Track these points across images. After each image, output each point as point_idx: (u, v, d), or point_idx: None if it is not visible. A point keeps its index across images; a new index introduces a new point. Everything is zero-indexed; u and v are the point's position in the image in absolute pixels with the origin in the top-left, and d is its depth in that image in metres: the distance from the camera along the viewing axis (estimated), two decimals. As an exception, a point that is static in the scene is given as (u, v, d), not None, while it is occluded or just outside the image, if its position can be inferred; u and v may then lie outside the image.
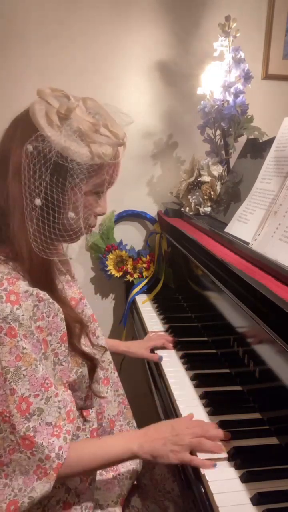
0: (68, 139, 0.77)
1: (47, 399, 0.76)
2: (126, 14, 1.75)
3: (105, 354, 1.02)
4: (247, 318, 1.00)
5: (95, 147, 0.79)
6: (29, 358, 0.75)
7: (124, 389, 1.10)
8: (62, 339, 0.82)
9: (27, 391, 0.74)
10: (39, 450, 0.74)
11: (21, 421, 0.73)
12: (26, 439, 0.73)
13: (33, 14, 1.69)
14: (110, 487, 0.97)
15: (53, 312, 0.80)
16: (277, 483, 0.81)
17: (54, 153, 0.76)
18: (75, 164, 0.78)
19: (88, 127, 0.79)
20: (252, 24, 1.81)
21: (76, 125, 0.78)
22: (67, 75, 1.76)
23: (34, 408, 0.75)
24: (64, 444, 0.77)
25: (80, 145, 0.78)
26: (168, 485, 1.08)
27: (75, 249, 1.91)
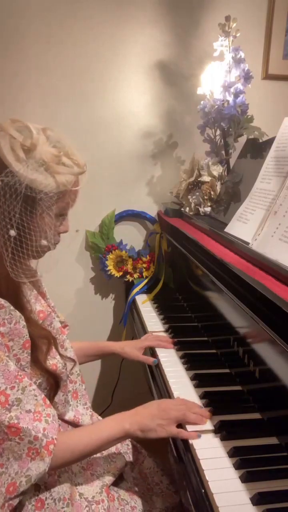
0: (34, 172, 0.83)
1: (23, 389, 0.81)
2: (126, 14, 1.75)
3: (74, 367, 1.04)
4: (247, 318, 1.00)
5: (59, 177, 0.85)
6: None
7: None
8: (25, 345, 0.86)
9: (3, 384, 0.79)
10: (26, 433, 0.79)
11: (2, 412, 0.78)
12: (12, 427, 0.78)
13: (33, 14, 1.69)
14: (91, 482, 1.00)
15: (14, 319, 0.84)
16: (277, 483, 0.81)
17: (24, 186, 0.82)
18: (43, 194, 0.84)
19: (51, 158, 0.84)
20: (252, 24, 1.81)
21: (39, 157, 0.83)
22: (67, 75, 1.76)
23: (12, 399, 0.79)
24: (46, 426, 0.82)
25: (46, 176, 0.84)
26: (157, 477, 1.12)
27: (75, 249, 1.92)
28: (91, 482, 0.99)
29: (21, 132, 0.85)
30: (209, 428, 0.96)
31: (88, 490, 0.97)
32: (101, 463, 1.05)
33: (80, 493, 0.96)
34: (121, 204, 1.90)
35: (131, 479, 1.10)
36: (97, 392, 2.03)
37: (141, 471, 1.14)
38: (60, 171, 0.85)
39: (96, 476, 1.01)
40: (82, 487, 0.98)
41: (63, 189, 0.87)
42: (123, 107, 1.83)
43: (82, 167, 0.90)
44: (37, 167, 0.83)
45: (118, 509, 0.98)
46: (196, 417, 0.96)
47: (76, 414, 1.03)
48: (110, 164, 1.85)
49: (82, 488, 0.97)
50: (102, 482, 1.00)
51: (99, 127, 1.82)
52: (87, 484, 0.98)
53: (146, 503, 1.05)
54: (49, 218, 0.88)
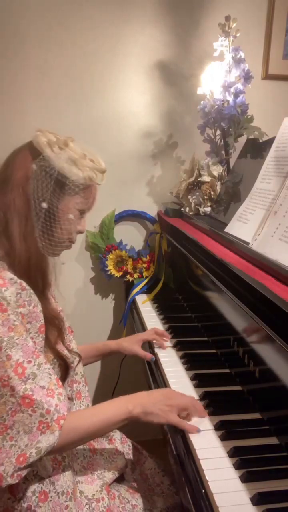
0: (65, 163, 0.94)
1: (39, 365, 0.84)
2: (126, 14, 1.75)
3: (78, 366, 1.05)
4: (247, 318, 1.00)
5: (85, 171, 0.96)
6: (20, 329, 0.83)
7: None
8: (40, 329, 0.90)
9: (21, 357, 0.82)
10: (39, 406, 0.80)
11: (18, 383, 0.80)
12: (26, 398, 0.80)
13: (33, 14, 1.69)
14: (91, 481, 1.00)
15: (33, 302, 0.88)
16: (277, 483, 0.81)
17: (56, 171, 0.93)
18: (71, 182, 0.95)
19: (79, 156, 0.96)
20: (252, 24, 1.81)
21: (70, 154, 0.95)
22: (67, 75, 1.76)
23: (29, 372, 0.82)
24: (58, 402, 0.83)
25: (74, 168, 0.95)
26: (158, 478, 1.13)
27: (75, 249, 1.91)
28: (92, 481, 1.00)
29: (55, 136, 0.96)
30: (209, 427, 0.96)
31: (88, 488, 0.98)
32: (102, 463, 1.05)
33: (81, 491, 0.97)
34: (121, 204, 1.90)
35: (132, 480, 1.11)
36: (97, 392, 2.03)
37: (142, 472, 1.14)
38: (86, 166, 0.96)
39: (96, 475, 1.02)
40: (83, 485, 0.98)
41: (88, 183, 0.96)
42: (123, 107, 1.83)
43: (103, 169, 1.00)
44: (67, 159, 0.94)
45: (118, 507, 0.98)
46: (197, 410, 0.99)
47: None
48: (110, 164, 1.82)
49: (83, 486, 0.98)
50: (102, 481, 1.00)
51: (99, 127, 1.82)
52: (88, 483, 0.99)
53: (147, 502, 1.06)
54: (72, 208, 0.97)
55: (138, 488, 1.08)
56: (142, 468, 1.14)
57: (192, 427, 0.95)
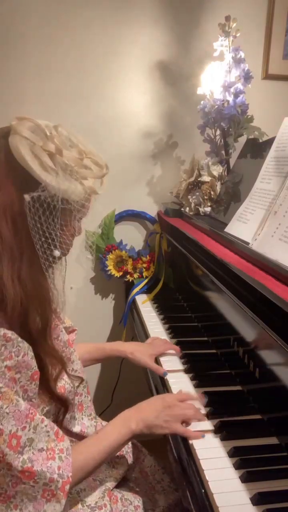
0: (64, 181, 0.77)
1: (35, 427, 0.77)
2: (126, 14, 1.75)
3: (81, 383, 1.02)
4: (247, 318, 1.00)
5: (86, 182, 0.81)
6: (8, 396, 0.75)
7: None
8: (33, 377, 0.81)
9: (14, 426, 0.75)
10: (41, 476, 0.75)
11: (15, 457, 0.74)
12: (26, 471, 0.74)
13: (33, 14, 1.69)
14: (94, 486, 0.99)
15: (22, 351, 0.78)
16: (277, 483, 0.81)
17: (59, 200, 0.78)
18: (76, 204, 0.81)
19: (75, 162, 0.79)
20: (252, 24, 1.81)
21: (63, 162, 0.78)
22: (67, 75, 1.76)
23: (24, 440, 0.75)
24: (61, 463, 0.78)
25: (75, 184, 0.79)
26: (158, 475, 1.12)
27: (75, 249, 1.91)
28: (93, 488, 0.98)
29: (35, 133, 0.79)
30: (209, 428, 0.96)
31: (90, 496, 0.96)
32: (103, 469, 1.04)
33: (83, 501, 0.95)
34: (121, 204, 1.90)
35: (133, 479, 1.10)
36: (97, 392, 2.03)
37: (142, 469, 1.14)
38: (85, 175, 0.81)
39: (98, 481, 1.00)
40: (85, 493, 0.96)
41: (91, 193, 0.83)
42: (123, 107, 1.83)
43: (102, 167, 0.85)
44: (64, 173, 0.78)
45: (121, 510, 0.97)
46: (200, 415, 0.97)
47: (82, 427, 1.01)
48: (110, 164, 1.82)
49: (85, 495, 0.96)
50: (104, 487, 0.99)
51: (99, 127, 1.82)
52: (90, 490, 0.97)
53: (149, 501, 1.05)
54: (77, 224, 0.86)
55: (139, 487, 1.08)
56: (142, 466, 1.14)
57: (197, 434, 0.93)
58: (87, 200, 0.84)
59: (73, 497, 0.95)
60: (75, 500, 0.95)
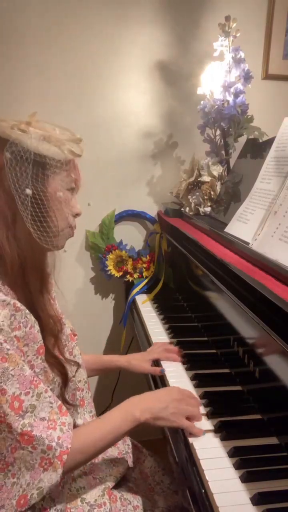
0: (39, 142, 0.84)
1: (38, 395, 0.79)
2: (126, 14, 1.75)
3: (80, 373, 1.03)
4: (247, 318, 1.00)
5: (62, 146, 0.86)
6: (14, 359, 0.76)
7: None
8: (39, 351, 0.83)
9: (17, 389, 0.76)
10: (40, 442, 0.76)
11: (16, 419, 0.75)
12: (25, 435, 0.75)
13: (33, 14, 1.69)
14: (93, 484, 0.99)
15: (30, 323, 0.81)
16: (277, 483, 0.81)
17: (32, 153, 0.83)
18: (51, 159, 0.85)
19: (49, 131, 0.87)
20: (252, 24, 1.81)
21: (39, 132, 0.85)
22: (67, 75, 1.76)
23: (26, 405, 0.77)
24: (61, 434, 0.79)
25: (50, 146, 0.85)
26: (158, 477, 1.12)
27: (75, 249, 1.91)
28: (93, 485, 0.98)
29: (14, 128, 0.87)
30: (209, 428, 0.96)
31: (90, 493, 0.96)
32: (103, 468, 1.04)
33: (82, 498, 0.95)
34: (121, 204, 1.90)
35: (133, 479, 1.10)
36: (97, 392, 2.03)
37: (142, 470, 1.14)
38: (60, 139, 0.87)
39: (98, 480, 1.00)
40: (84, 491, 0.97)
41: (69, 156, 0.87)
42: (123, 107, 1.83)
43: (78, 137, 0.91)
44: (39, 138, 0.84)
45: (120, 510, 0.97)
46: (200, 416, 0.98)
47: (84, 422, 1.01)
48: (110, 164, 1.85)
49: (84, 492, 0.96)
50: (104, 485, 0.99)
51: (99, 127, 1.82)
52: (89, 488, 0.97)
53: (149, 501, 1.05)
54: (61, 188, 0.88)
55: (138, 488, 1.08)
56: (142, 467, 1.14)
57: (199, 430, 0.94)
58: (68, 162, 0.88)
59: (72, 494, 0.95)
60: (74, 497, 0.95)
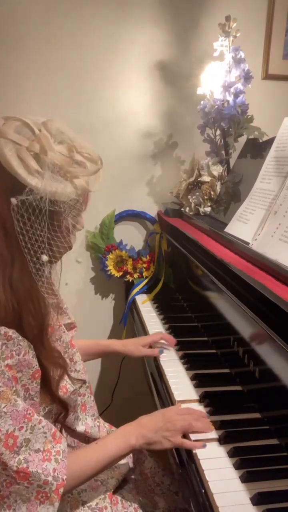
0: (53, 182, 0.75)
1: (32, 428, 0.77)
2: (126, 14, 1.75)
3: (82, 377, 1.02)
4: (247, 318, 1.00)
5: (77, 181, 0.78)
6: (6, 395, 0.75)
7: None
8: (34, 376, 0.81)
9: (11, 426, 0.75)
10: (36, 478, 0.75)
11: (10, 457, 0.74)
12: (21, 472, 0.74)
13: (33, 14, 1.69)
14: (95, 487, 0.99)
15: (23, 349, 0.79)
16: (277, 483, 0.81)
17: (47, 203, 0.75)
18: (66, 205, 0.79)
19: (64, 161, 0.77)
20: (252, 24, 1.81)
21: (51, 162, 0.76)
22: (67, 75, 1.76)
23: (21, 441, 0.76)
24: (56, 466, 0.78)
25: (64, 184, 0.77)
26: (158, 478, 1.11)
27: (75, 249, 1.91)
28: (95, 489, 0.98)
29: (21, 133, 0.77)
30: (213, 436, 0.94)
31: (91, 496, 0.96)
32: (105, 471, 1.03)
33: (83, 501, 0.95)
34: (121, 204, 1.90)
35: (133, 480, 1.10)
36: (97, 392, 2.03)
37: (142, 471, 1.13)
38: (77, 174, 0.78)
39: (99, 482, 1.00)
40: (86, 494, 0.96)
41: (83, 192, 0.81)
42: (123, 107, 1.83)
43: (96, 161, 0.82)
44: (53, 175, 0.75)
45: None
46: (203, 426, 0.95)
47: (86, 427, 1.01)
48: (110, 164, 1.84)
49: (86, 495, 0.96)
50: (105, 488, 0.99)
51: (99, 127, 1.82)
52: (91, 491, 0.97)
53: (149, 502, 1.05)
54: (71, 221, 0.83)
55: (139, 489, 1.08)
56: (142, 468, 1.14)
57: (197, 444, 0.91)
58: (78, 199, 0.82)
59: (74, 497, 0.95)
60: (75, 500, 0.94)
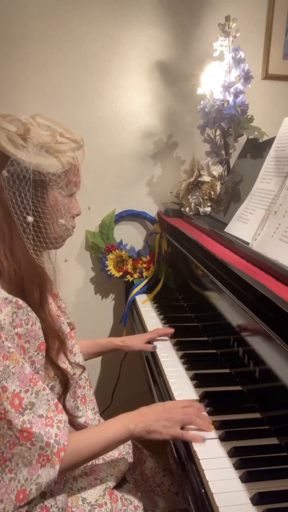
0: (37, 156, 0.84)
1: (37, 393, 0.80)
2: (126, 14, 1.75)
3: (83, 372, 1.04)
4: (247, 318, 1.00)
5: (61, 156, 0.87)
6: (15, 357, 0.78)
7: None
8: (40, 347, 0.85)
9: (18, 387, 0.78)
10: (38, 439, 0.77)
11: (16, 415, 0.76)
12: (24, 431, 0.77)
13: (33, 14, 1.69)
14: (94, 484, 0.99)
15: (31, 320, 0.83)
16: (277, 483, 0.81)
17: (30, 172, 0.83)
18: (51, 175, 0.86)
19: (48, 139, 0.86)
20: (252, 24, 1.81)
21: (37, 141, 0.85)
22: (67, 75, 1.76)
23: (26, 403, 0.78)
24: (58, 432, 0.81)
25: (49, 158, 0.85)
26: (158, 478, 1.12)
27: (75, 249, 1.91)
28: (94, 486, 0.99)
29: (12, 123, 0.87)
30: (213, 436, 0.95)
31: (91, 494, 0.97)
32: (104, 468, 1.04)
33: (83, 498, 0.95)
34: (121, 204, 1.90)
35: (133, 481, 1.10)
36: (97, 392, 2.02)
37: (143, 472, 1.14)
38: (60, 150, 0.86)
39: (99, 480, 1.01)
40: (85, 491, 0.97)
41: (68, 167, 0.88)
42: (123, 107, 1.83)
43: (79, 141, 0.90)
44: (37, 150, 0.84)
45: (121, 510, 0.98)
46: (202, 423, 0.95)
47: (87, 419, 1.02)
48: (110, 164, 1.85)
49: (85, 492, 0.97)
50: (105, 485, 0.99)
51: (99, 127, 1.82)
52: (90, 488, 0.98)
53: (149, 502, 1.05)
54: (61, 198, 0.89)
55: (139, 489, 1.08)
56: (143, 468, 1.14)
57: (197, 437, 0.92)
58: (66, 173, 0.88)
59: (73, 493, 0.95)
60: (75, 496, 0.95)
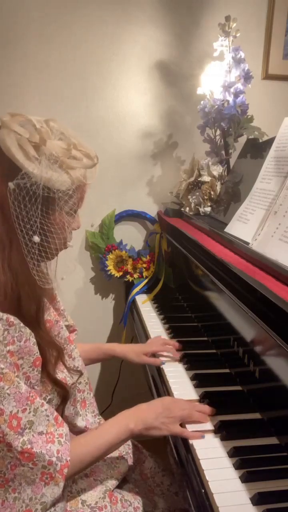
0: (49, 170, 0.79)
1: (35, 410, 0.79)
2: (126, 14, 1.75)
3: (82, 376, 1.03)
4: (247, 318, 1.00)
5: (73, 172, 0.82)
6: (9, 377, 0.76)
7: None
8: (35, 363, 0.83)
9: (15, 408, 0.76)
10: (40, 458, 0.76)
11: (15, 437, 0.75)
12: (25, 453, 0.75)
13: (33, 14, 1.69)
14: (94, 486, 0.99)
15: (24, 336, 0.80)
16: (277, 483, 0.81)
17: (41, 187, 0.78)
18: (60, 193, 0.81)
19: (61, 153, 0.80)
20: (252, 24, 1.81)
21: (50, 152, 0.79)
22: (67, 76, 1.76)
23: (24, 422, 0.77)
24: (60, 447, 0.79)
25: (60, 173, 0.80)
26: (158, 478, 1.12)
27: (75, 249, 1.91)
28: (94, 487, 0.98)
29: (24, 127, 0.81)
30: (209, 428, 0.96)
31: (91, 496, 0.96)
32: (104, 469, 1.04)
33: (83, 500, 0.95)
34: (121, 204, 1.90)
35: (133, 481, 1.10)
36: (97, 392, 2.03)
37: (142, 471, 1.13)
38: (73, 166, 0.81)
39: (99, 481, 1.00)
40: (85, 493, 0.97)
41: (78, 184, 0.83)
42: (123, 107, 1.83)
43: (93, 158, 0.86)
44: (50, 164, 0.79)
45: (121, 511, 0.98)
46: (200, 415, 0.97)
47: (87, 423, 1.02)
48: (110, 164, 1.85)
49: (85, 495, 0.96)
50: (105, 487, 0.99)
51: (99, 127, 1.82)
52: (90, 490, 0.97)
53: (149, 502, 1.05)
54: (67, 217, 0.85)
55: (138, 489, 1.08)
56: (142, 468, 1.14)
57: (195, 434, 0.93)
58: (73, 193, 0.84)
59: (73, 496, 0.95)
60: (75, 499, 0.95)
